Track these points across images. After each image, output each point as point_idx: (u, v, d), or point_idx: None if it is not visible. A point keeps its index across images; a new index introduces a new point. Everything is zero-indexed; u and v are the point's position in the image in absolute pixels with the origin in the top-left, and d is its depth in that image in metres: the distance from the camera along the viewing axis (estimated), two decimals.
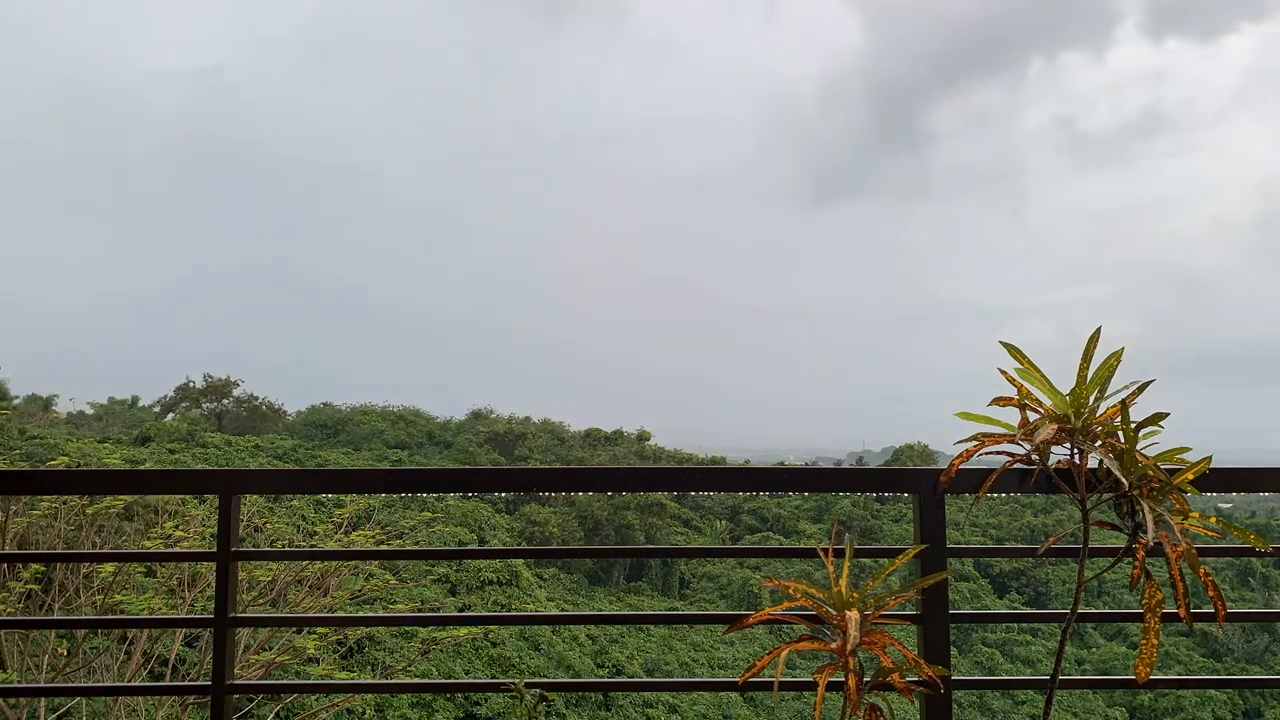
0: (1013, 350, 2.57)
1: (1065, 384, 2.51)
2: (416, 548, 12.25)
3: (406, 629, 15.46)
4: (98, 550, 9.41)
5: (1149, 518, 2.32)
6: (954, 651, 15.69)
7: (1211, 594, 2.47)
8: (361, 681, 10.48)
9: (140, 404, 44.73)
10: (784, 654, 2.39)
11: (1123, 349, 2.47)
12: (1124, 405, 2.42)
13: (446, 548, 17.21)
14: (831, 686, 2.36)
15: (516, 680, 2.75)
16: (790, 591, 2.48)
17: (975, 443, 2.56)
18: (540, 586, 24.64)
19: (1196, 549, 2.40)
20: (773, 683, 2.49)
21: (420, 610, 16.48)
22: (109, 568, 8.34)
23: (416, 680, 11.45)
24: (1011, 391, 2.57)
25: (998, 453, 2.58)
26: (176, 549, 8.54)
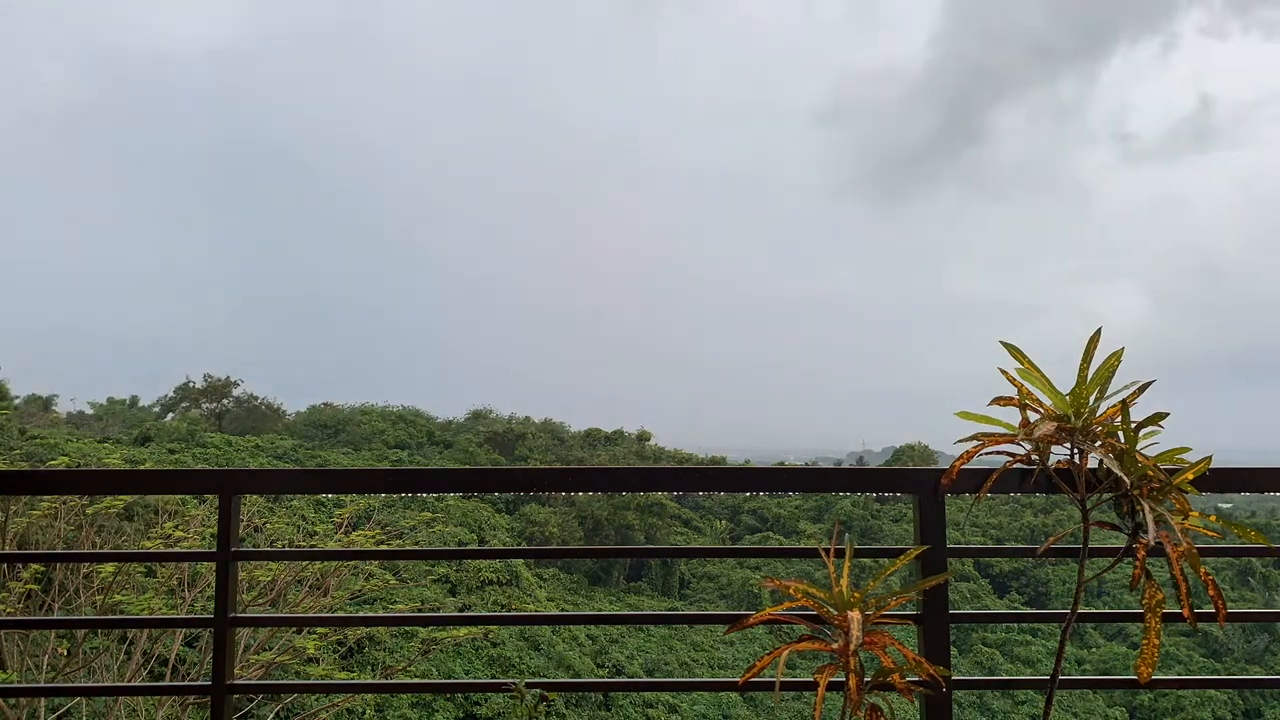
0: (1013, 350, 2.57)
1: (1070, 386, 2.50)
2: (416, 548, 12.25)
3: (406, 629, 15.47)
4: (98, 550, 9.41)
5: (1149, 517, 2.32)
6: (954, 651, 15.70)
7: (1212, 594, 2.47)
8: (361, 681, 10.47)
9: (140, 404, 44.80)
10: (785, 654, 2.39)
11: (1123, 349, 2.47)
12: (1124, 405, 2.42)
13: (446, 548, 17.20)
14: (832, 686, 2.36)
15: (516, 680, 2.75)
16: (791, 591, 2.48)
17: (976, 443, 2.56)
18: (540, 586, 24.64)
19: (1197, 549, 2.40)
20: (773, 683, 2.49)
21: (420, 610, 16.49)
22: (109, 568, 8.34)
23: (416, 680, 11.45)
24: (1012, 391, 2.57)
25: (998, 453, 2.58)
26: (176, 549, 8.54)
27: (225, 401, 43.62)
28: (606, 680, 20.53)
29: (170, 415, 41.75)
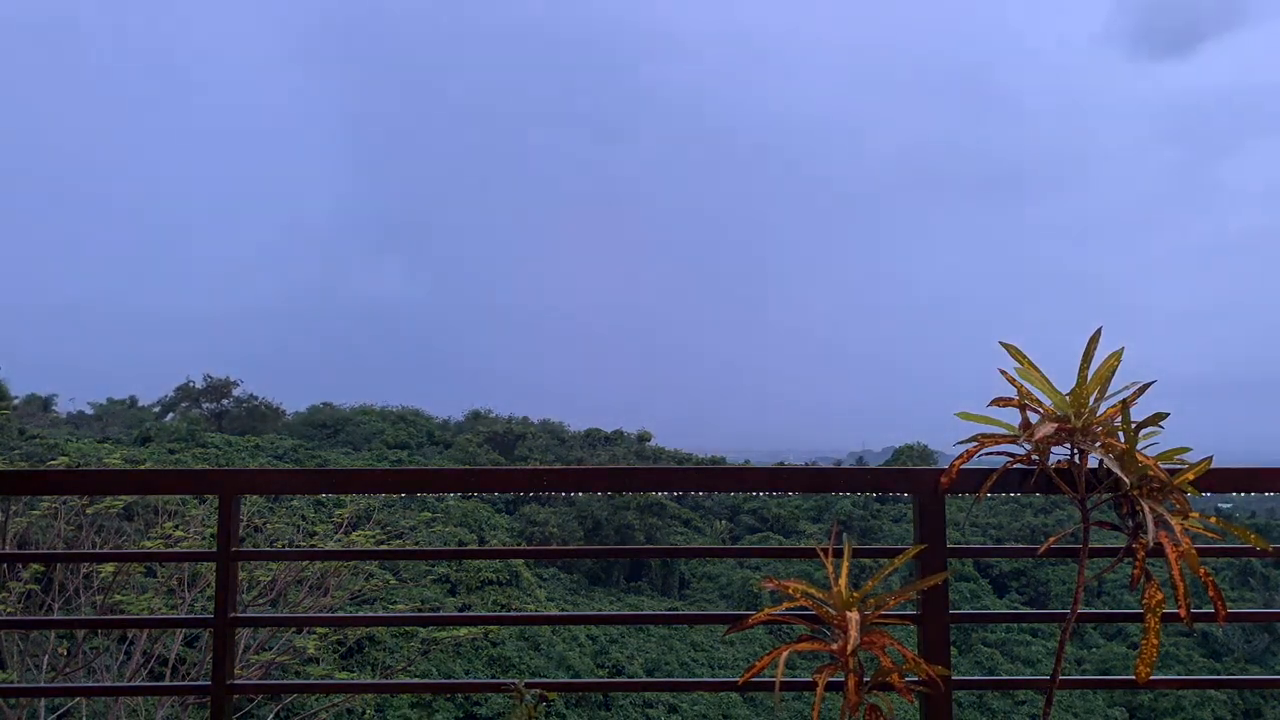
0: (1012, 350, 2.57)
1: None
2: (416, 548, 12.26)
3: (406, 629, 15.48)
4: (98, 550, 9.42)
5: (1149, 517, 2.32)
6: (954, 651, 15.66)
7: (1212, 594, 2.47)
8: (361, 681, 10.49)
9: (140, 404, 44.77)
10: (784, 654, 2.40)
11: (1122, 348, 2.47)
12: (1124, 405, 2.42)
13: (446, 548, 17.22)
14: (831, 687, 2.36)
15: (516, 680, 2.75)
16: (790, 591, 2.48)
17: (975, 443, 2.57)
18: (540, 586, 24.65)
19: (1197, 549, 2.40)
20: (773, 683, 2.49)
21: (420, 610, 16.50)
22: (109, 568, 8.34)
23: (416, 680, 11.45)
24: (1011, 392, 2.57)
25: (998, 453, 2.59)
26: (176, 549, 8.55)
27: (225, 401, 43.61)
28: (606, 680, 20.53)
29: (170, 415, 41.73)
